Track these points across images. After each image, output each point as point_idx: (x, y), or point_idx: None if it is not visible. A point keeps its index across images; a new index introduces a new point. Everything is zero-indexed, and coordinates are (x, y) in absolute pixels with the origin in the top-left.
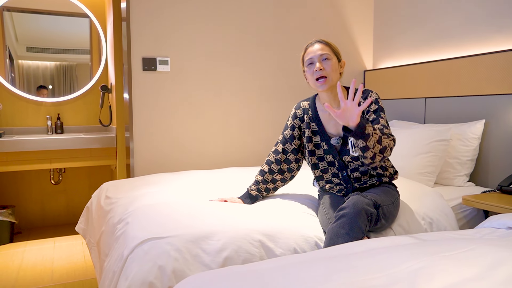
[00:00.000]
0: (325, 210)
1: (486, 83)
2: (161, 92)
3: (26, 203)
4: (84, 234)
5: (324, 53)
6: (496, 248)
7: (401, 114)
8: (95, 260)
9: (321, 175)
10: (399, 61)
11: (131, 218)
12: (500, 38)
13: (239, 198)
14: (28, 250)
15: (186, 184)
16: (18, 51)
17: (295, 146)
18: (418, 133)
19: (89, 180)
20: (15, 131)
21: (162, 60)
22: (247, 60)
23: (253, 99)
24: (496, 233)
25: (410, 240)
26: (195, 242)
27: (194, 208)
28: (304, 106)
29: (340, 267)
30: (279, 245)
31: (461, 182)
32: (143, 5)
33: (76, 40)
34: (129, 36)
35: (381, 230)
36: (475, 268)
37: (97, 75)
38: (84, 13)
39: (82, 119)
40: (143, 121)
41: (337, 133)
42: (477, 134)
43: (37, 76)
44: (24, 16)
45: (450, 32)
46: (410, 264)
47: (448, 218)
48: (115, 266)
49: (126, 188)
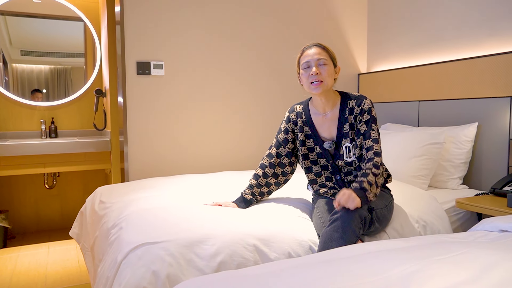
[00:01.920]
0: (320, 214)
1: (479, 86)
2: (156, 96)
3: (20, 207)
4: (78, 239)
5: (322, 58)
6: (488, 251)
7: (395, 117)
8: (89, 265)
9: (315, 179)
10: (393, 65)
11: (125, 223)
12: (493, 41)
13: (234, 202)
14: (21, 255)
15: (180, 188)
16: (12, 55)
17: (289, 150)
18: (411, 136)
19: (84, 184)
20: (8, 135)
21: (157, 64)
22: (241, 65)
23: (247, 103)
24: (488, 236)
25: (404, 244)
26: (189, 247)
27: (188, 212)
28: (298, 109)
29: (334, 271)
30: (274, 249)
31: (454, 185)
32: (137, 9)
33: (71, 44)
34: (123, 40)
35: (375, 234)
36: (468, 271)
37: (92, 78)
38: (79, 17)
39: (76, 123)
40: (137, 125)
41: (330, 137)
42: (470, 137)
43: (31, 79)
44: (18, 20)
45: (443, 36)
46: (403, 268)
47: (442, 221)
48: (108, 271)
49: (120, 192)
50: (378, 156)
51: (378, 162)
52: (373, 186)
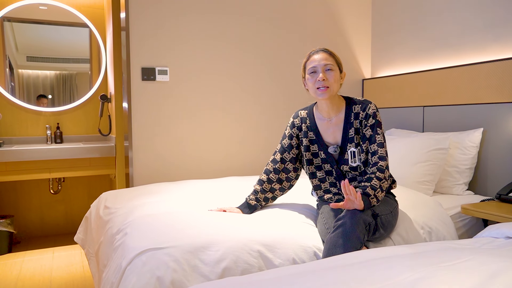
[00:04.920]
0: (324, 220)
1: (484, 92)
2: (160, 101)
3: (25, 212)
4: (82, 244)
5: (328, 64)
6: (494, 258)
7: (399, 122)
8: (93, 270)
9: (319, 184)
10: (397, 70)
11: (129, 228)
12: (497, 47)
13: (238, 208)
14: (26, 260)
15: (185, 194)
16: (18, 61)
17: (293, 155)
18: (416, 142)
19: (89, 189)
20: (14, 141)
21: (161, 70)
22: (245, 70)
23: (251, 108)
24: (494, 242)
25: (409, 251)
26: (194, 253)
27: (192, 218)
28: (302, 115)
29: (339, 278)
30: (278, 255)
31: (460, 190)
32: (142, 15)
33: (76, 50)
34: (128, 46)
35: (380, 240)
36: (473, 278)
37: (97, 84)
38: (84, 23)
39: (82, 128)
40: (142, 131)
41: (335, 142)
42: (475, 143)
43: (37, 85)
44: (24, 26)
45: (447, 41)
46: (408, 275)
47: (447, 227)
48: (113, 277)
49: (125, 198)
50: (383, 160)
51: (383, 166)
52: (378, 190)
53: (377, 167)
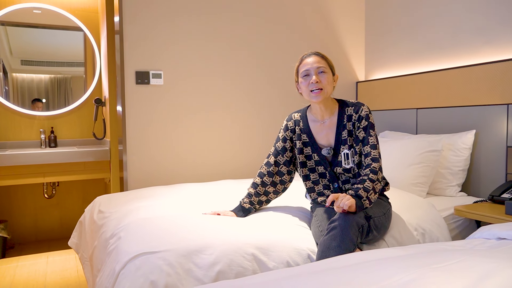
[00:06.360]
0: (318, 223)
1: (476, 94)
2: (155, 105)
3: (19, 217)
4: (77, 249)
5: (321, 66)
6: (486, 259)
7: (393, 125)
8: (88, 275)
9: (313, 187)
10: (391, 73)
11: (123, 232)
12: (489, 50)
13: (232, 211)
14: (20, 265)
15: (179, 198)
16: (12, 64)
17: (287, 158)
18: (410, 144)
19: (83, 193)
20: (8, 145)
21: (155, 73)
22: (240, 73)
23: (246, 111)
24: (486, 243)
25: (401, 252)
26: (188, 257)
27: (186, 221)
28: (296, 117)
29: (332, 280)
30: (272, 258)
31: (453, 192)
32: (136, 19)
33: (70, 53)
34: (122, 49)
35: (373, 242)
36: (465, 280)
37: (91, 88)
38: (78, 26)
39: (76, 132)
40: (136, 134)
41: (328, 144)
42: (468, 144)
43: (31, 89)
44: (18, 30)
45: (440, 44)
46: (400, 276)
47: (441, 228)
48: (107, 281)
49: (119, 202)
50: (376, 162)
51: (376, 167)
52: (371, 192)
53: (370, 169)
